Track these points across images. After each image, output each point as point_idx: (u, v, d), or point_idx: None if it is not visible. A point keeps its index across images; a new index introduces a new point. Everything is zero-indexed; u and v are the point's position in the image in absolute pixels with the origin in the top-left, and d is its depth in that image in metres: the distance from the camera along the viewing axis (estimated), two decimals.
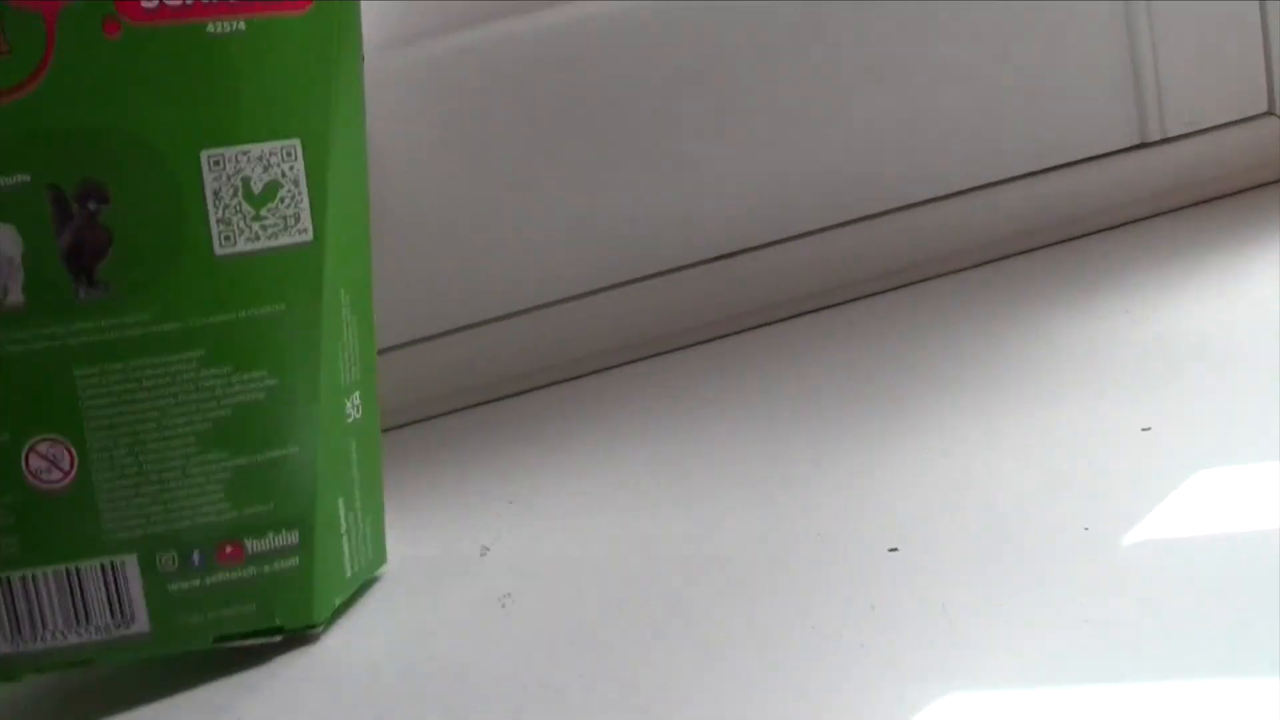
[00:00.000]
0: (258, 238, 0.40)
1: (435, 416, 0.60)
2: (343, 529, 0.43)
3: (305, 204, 0.41)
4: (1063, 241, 0.64)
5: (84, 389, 0.40)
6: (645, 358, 0.62)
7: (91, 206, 0.39)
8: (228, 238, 0.40)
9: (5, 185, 0.38)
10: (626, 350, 0.62)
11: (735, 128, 0.61)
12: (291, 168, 0.40)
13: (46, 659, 0.40)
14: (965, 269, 0.63)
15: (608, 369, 0.62)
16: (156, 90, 0.39)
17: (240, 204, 0.40)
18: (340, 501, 0.43)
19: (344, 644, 0.43)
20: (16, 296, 0.39)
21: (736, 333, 0.62)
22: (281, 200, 0.40)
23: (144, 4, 0.39)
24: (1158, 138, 0.64)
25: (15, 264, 0.39)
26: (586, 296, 0.61)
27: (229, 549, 0.41)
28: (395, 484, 0.50)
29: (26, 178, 0.39)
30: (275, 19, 0.40)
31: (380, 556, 0.46)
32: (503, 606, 0.42)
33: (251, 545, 0.41)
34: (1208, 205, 0.64)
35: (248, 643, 0.42)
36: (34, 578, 0.40)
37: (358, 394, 0.43)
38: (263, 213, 0.40)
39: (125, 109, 0.39)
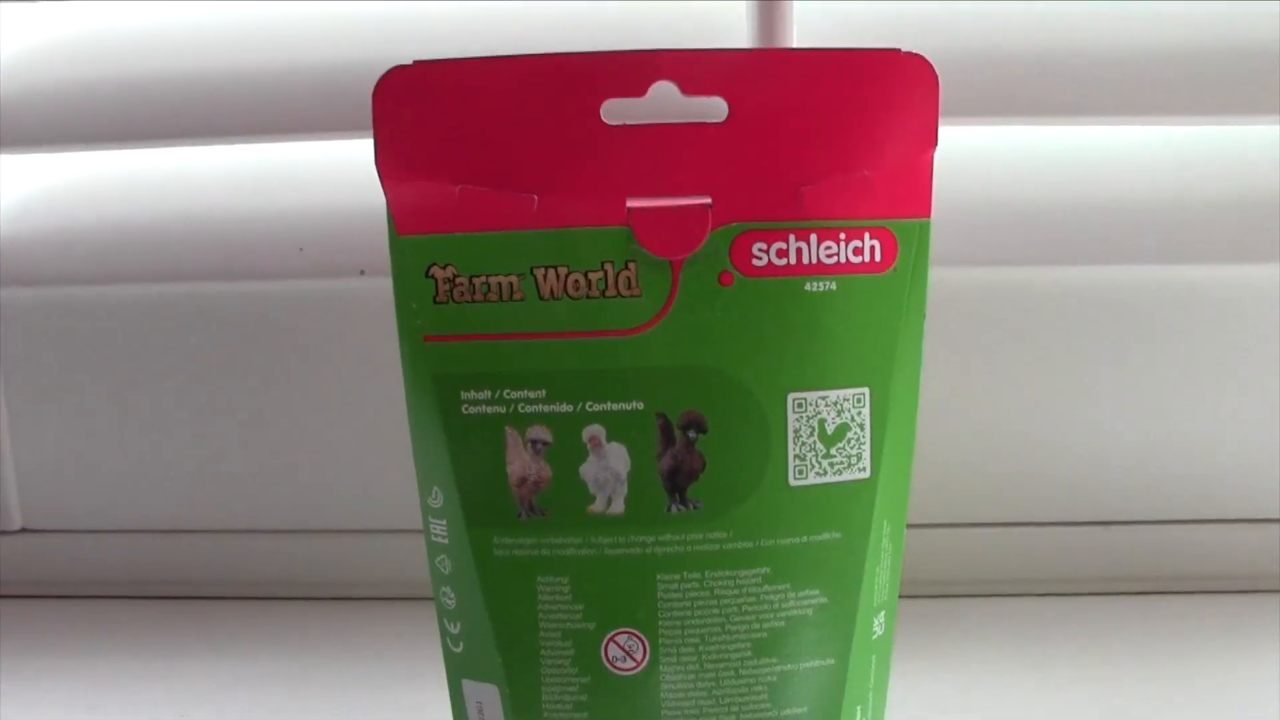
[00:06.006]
0: (825, 473, 0.45)
1: None
2: None
3: (867, 445, 0.45)
4: None
5: (664, 591, 0.45)
6: None
7: (692, 435, 0.44)
8: (801, 471, 0.45)
9: (623, 410, 0.44)
10: None
11: None
12: (860, 412, 0.45)
13: None
14: None
15: None
16: (756, 337, 0.44)
17: (815, 442, 0.45)
18: (858, 709, 0.47)
19: None
20: (619, 507, 0.45)
21: None
22: (849, 441, 0.45)
23: (754, 261, 0.44)
24: None
25: (621, 479, 0.44)
26: None
27: None
28: None
29: (640, 405, 0.44)
30: (862, 278, 0.44)
31: None
32: None
33: None
34: None
35: None
36: None
37: (884, 613, 0.47)
38: (832, 451, 0.45)
39: (728, 352, 0.44)
